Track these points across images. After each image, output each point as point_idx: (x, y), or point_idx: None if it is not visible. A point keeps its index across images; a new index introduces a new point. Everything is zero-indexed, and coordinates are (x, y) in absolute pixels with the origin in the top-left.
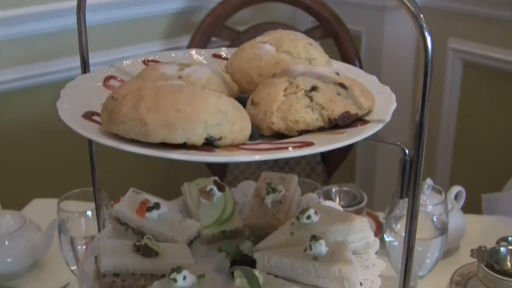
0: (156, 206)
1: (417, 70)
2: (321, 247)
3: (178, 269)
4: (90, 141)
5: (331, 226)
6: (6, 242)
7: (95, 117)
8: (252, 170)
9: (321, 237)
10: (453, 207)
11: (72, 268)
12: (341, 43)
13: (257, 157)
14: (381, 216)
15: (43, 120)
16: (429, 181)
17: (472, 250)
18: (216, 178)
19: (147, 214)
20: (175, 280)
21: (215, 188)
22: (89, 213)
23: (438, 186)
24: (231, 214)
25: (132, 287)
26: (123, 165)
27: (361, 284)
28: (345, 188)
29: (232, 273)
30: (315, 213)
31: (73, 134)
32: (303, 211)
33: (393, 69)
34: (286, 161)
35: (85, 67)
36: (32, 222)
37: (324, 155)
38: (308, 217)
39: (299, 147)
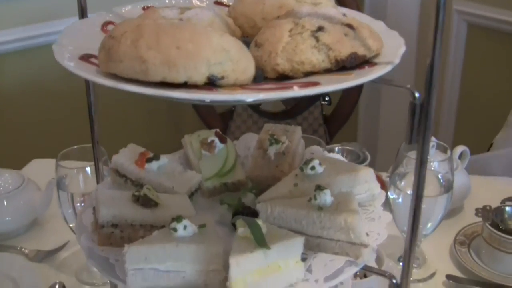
0: (156, 157)
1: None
2: (326, 197)
3: (178, 219)
4: (88, 91)
5: (336, 177)
6: (5, 201)
7: (93, 60)
8: (254, 127)
9: (326, 187)
10: (458, 166)
11: (71, 225)
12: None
13: (262, 95)
14: (384, 175)
15: (42, 81)
16: (433, 139)
17: (477, 210)
18: (218, 130)
19: (147, 165)
20: (175, 230)
21: (216, 140)
22: (88, 169)
23: (443, 143)
24: (233, 166)
25: (131, 238)
26: (122, 122)
27: (367, 234)
28: (348, 147)
29: (234, 225)
30: (320, 164)
31: (72, 92)
32: (307, 161)
33: (398, 17)
34: (288, 122)
35: (82, 14)
36: (31, 181)
37: (326, 117)
38: (312, 168)
39: (305, 86)
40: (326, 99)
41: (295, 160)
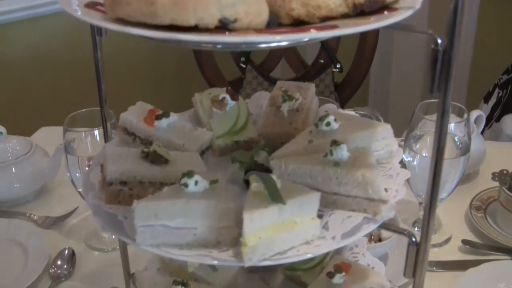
0: (166, 114)
1: None
2: (343, 152)
3: (189, 174)
4: (94, 47)
5: (352, 133)
6: (13, 168)
7: (99, 7)
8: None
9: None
10: (473, 131)
11: (80, 190)
12: None
13: (278, 37)
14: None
15: (49, 49)
16: None
17: (493, 174)
18: (229, 88)
19: (156, 123)
20: (186, 185)
21: (227, 97)
22: (96, 132)
23: (460, 105)
24: (244, 124)
25: (140, 196)
26: (129, 85)
27: (385, 190)
28: (361, 111)
29: (246, 183)
30: (335, 120)
31: (79, 59)
32: (322, 118)
33: None
34: None
35: None
36: (39, 147)
37: (337, 85)
38: (328, 124)
39: (322, 29)
40: (337, 66)
41: (309, 117)
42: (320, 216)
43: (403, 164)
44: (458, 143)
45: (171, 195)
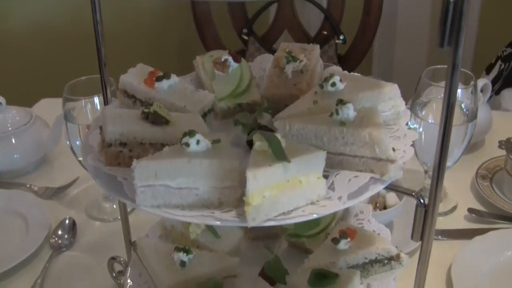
0: (167, 75)
1: None
2: (349, 111)
3: (191, 133)
4: (93, 7)
5: (359, 94)
6: (13, 138)
7: None
8: None
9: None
10: (480, 99)
11: (80, 159)
12: None
13: None
14: None
15: (49, 21)
16: None
17: (500, 142)
18: (231, 50)
19: (157, 84)
20: (187, 145)
21: (230, 59)
22: (96, 100)
23: (467, 71)
24: (247, 86)
25: (140, 158)
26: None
27: (394, 149)
28: None
29: (250, 145)
30: (341, 80)
31: (78, 31)
32: (327, 78)
33: None
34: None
35: None
36: (39, 118)
37: (341, 56)
38: (333, 84)
39: None
40: (341, 37)
41: (314, 79)
42: (325, 177)
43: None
44: (465, 110)
45: (172, 155)
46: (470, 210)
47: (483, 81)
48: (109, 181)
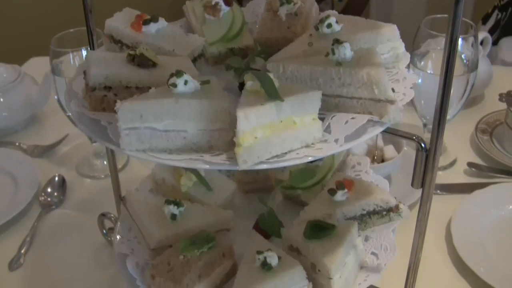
0: (154, 18)
1: None
2: (346, 51)
3: (178, 73)
4: None
5: (356, 35)
6: (0, 97)
7: None
8: None
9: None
10: (479, 53)
11: (69, 114)
12: None
13: None
14: None
15: None
16: None
17: (500, 95)
18: None
19: (144, 28)
20: (174, 85)
21: (221, 2)
22: (84, 52)
23: (467, 20)
24: (239, 30)
25: None
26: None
27: (393, 90)
28: None
29: (242, 88)
30: (337, 22)
31: None
32: (323, 19)
33: None
34: None
35: None
36: (28, 75)
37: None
38: (329, 25)
39: None
40: None
41: (309, 22)
42: (321, 119)
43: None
44: (465, 61)
45: (158, 95)
46: (470, 164)
47: (483, 34)
48: (93, 125)
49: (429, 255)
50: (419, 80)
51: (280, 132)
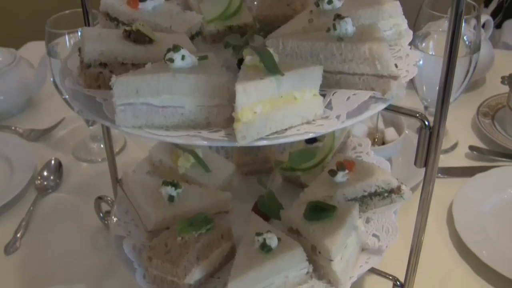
0: None
1: None
2: (347, 26)
3: (175, 48)
4: None
5: (357, 11)
6: None
7: None
8: None
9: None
10: (482, 34)
11: (65, 96)
12: None
13: None
14: None
15: None
16: None
17: (502, 78)
18: None
19: (140, 5)
20: (171, 60)
21: None
22: (80, 33)
23: (470, 0)
24: (238, 7)
25: None
26: None
27: (396, 66)
28: None
29: (241, 66)
30: None
31: None
32: None
33: None
34: None
35: None
36: (24, 59)
37: None
38: (330, 1)
39: None
40: None
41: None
42: (322, 96)
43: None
44: (467, 43)
45: (154, 70)
46: (472, 148)
47: (485, 17)
48: (87, 102)
49: (430, 238)
50: (420, 62)
51: (280, 108)
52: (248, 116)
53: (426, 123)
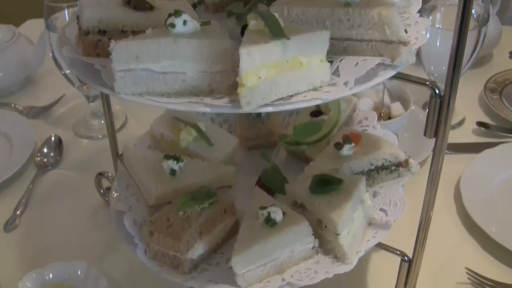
0: None
1: None
2: None
3: (177, 13)
4: None
5: None
6: None
7: None
8: None
9: None
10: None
11: (65, 71)
12: None
13: None
14: None
15: None
16: None
17: (510, 52)
18: None
19: None
20: (172, 25)
21: None
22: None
23: None
24: None
25: None
26: None
27: (406, 31)
28: None
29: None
30: None
31: None
32: None
33: None
34: None
35: None
36: (23, 36)
37: None
38: None
39: None
40: None
41: None
42: (329, 62)
43: None
44: (475, 16)
45: (155, 35)
46: (479, 124)
47: None
48: (86, 70)
49: (438, 214)
50: (427, 36)
51: (286, 73)
52: (252, 81)
53: (437, 91)
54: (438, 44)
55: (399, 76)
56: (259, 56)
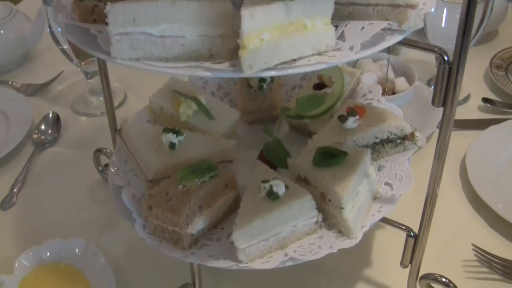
0: None
1: None
2: None
3: None
4: None
5: None
6: None
7: None
8: None
9: None
10: None
11: (62, 47)
12: None
13: None
14: None
15: None
16: None
17: None
18: None
19: None
20: None
21: None
22: None
23: None
24: None
25: None
26: None
27: None
28: None
29: None
30: None
31: None
32: None
33: None
34: None
35: None
36: (20, 12)
37: None
38: None
39: None
40: None
41: None
42: (334, 26)
43: None
44: None
45: None
46: (485, 100)
47: None
48: (81, 36)
49: (443, 191)
50: (432, 10)
51: (289, 36)
52: (254, 43)
53: (445, 57)
54: (444, 18)
55: (406, 42)
56: (261, 17)
